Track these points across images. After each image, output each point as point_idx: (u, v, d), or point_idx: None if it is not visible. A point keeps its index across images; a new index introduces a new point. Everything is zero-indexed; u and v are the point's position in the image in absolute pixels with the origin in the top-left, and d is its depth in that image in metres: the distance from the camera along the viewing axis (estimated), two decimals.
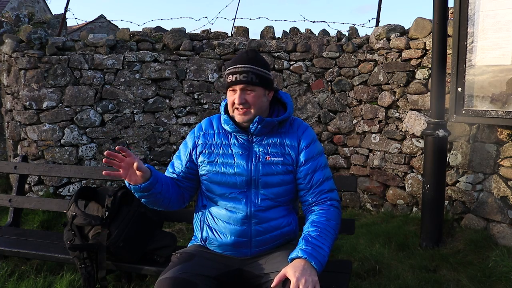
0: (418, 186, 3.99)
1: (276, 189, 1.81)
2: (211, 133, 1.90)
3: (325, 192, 1.83)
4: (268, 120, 1.80)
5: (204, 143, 1.88)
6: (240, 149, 1.83)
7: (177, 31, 4.61)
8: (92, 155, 4.46)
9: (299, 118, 1.97)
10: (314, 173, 1.82)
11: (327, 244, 1.66)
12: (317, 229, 1.70)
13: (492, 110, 3.12)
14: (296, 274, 1.53)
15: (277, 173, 1.81)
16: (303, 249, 1.62)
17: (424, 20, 3.92)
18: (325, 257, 1.63)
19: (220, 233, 1.82)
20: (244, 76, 1.75)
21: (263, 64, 1.82)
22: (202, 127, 1.94)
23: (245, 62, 1.77)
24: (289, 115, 1.87)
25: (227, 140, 1.86)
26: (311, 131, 1.91)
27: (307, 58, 4.59)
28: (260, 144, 1.83)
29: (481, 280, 2.72)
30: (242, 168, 1.80)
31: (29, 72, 4.26)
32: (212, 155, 1.85)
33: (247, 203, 1.79)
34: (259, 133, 1.82)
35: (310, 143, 1.86)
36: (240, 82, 1.76)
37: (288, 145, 1.84)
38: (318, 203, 1.82)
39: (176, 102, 4.59)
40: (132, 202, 2.44)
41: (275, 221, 1.81)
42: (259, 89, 1.79)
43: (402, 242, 3.37)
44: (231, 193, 1.81)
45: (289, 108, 1.88)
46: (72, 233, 2.39)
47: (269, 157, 1.80)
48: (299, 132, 1.87)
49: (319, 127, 4.64)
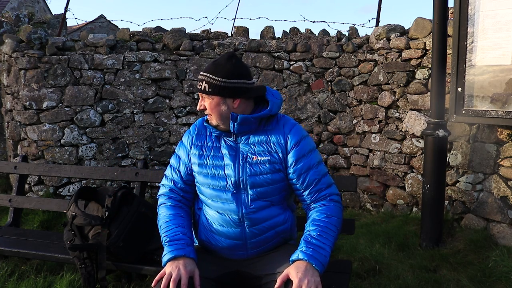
0: (418, 186, 3.99)
1: (264, 189, 1.78)
2: (204, 135, 1.89)
3: (324, 190, 1.79)
4: (242, 116, 1.76)
5: (196, 145, 1.88)
6: (228, 150, 1.81)
7: (177, 31, 4.61)
8: (92, 155, 4.46)
9: (288, 116, 1.94)
10: (308, 172, 1.78)
11: (328, 243, 1.66)
12: (317, 228, 1.68)
13: (492, 110, 3.12)
14: (298, 275, 1.54)
15: (265, 173, 1.77)
16: (304, 251, 1.61)
17: (424, 20, 3.92)
18: (327, 257, 1.63)
19: (215, 236, 1.81)
20: (199, 85, 1.78)
21: (228, 72, 1.75)
22: (196, 127, 1.94)
23: (205, 71, 1.78)
24: (269, 112, 1.81)
25: (218, 143, 1.85)
26: (300, 128, 1.85)
27: (307, 58, 4.59)
28: (246, 143, 1.81)
29: (481, 280, 2.72)
30: (231, 169, 1.78)
31: (29, 72, 4.26)
32: (203, 157, 1.84)
33: (238, 205, 1.77)
34: (240, 131, 1.79)
35: (300, 140, 1.80)
36: (198, 90, 1.81)
37: (274, 142, 1.80)
38: (317, 200, 1.79)
39: (176, 102, 4.59)
40: (132, 202, 2.44)
41: (269, 222, 1.79)
42: (215, 97, 1.76)
43: (402, 242, 3.37)
44: (222, 196, 1.79)
45: (270, 105, 1.81)
46: (72, 233, 2.38)
47: (256, 157, 1.78)
48: (286, 129, 1.82)
49: (319, 127, 4.64)
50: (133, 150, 4.56)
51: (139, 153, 4.56)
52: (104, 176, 2.95)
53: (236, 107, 1.79)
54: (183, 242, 1.73)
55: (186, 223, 1.82)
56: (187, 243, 1.74)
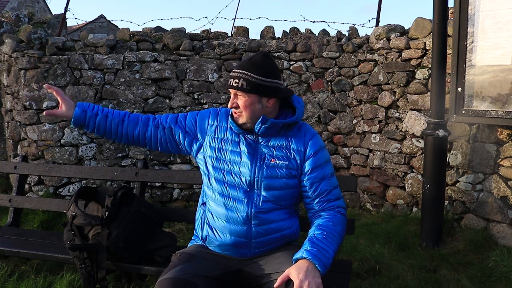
0: (418, 186, 3.99)
1: (278, 192, 1.80)
2: (224, 127, 1.89)
3: (332, 201, 1.83)
4: (272, 120, 1.79)
5: (217, 138, 1.88)
6: (247, 148, 1.82)
7: (177, 31, 4.61)
8: (92, 155, 4.46)
9: (309, 125, 1.97)
10: (321, 182, 1.81)
11: (332, 248, 1.66)
12: (323, 232, 1.70)
13: (492, 110, 3.12)
14: (300, 276, 1.52)
15: (281, 177, 1.80)
16: (308, 250, 1.61)
17: (424, 20, 3.92)
18: (329, 260, 1.63)
19: (220, 232, 1.81)
20: (235, 82, 1.76)
21: (265, 71, 1.77)
22: (217, 117, 1.94)
23: (242, 68, 1.77)
24: (296, 119, 1.85)
25: (237, 138, 1.86)
26: (319, 139, 1.89)
27: (307, 58, 4.59)
28: (266, 145, 1.83)
29: (481, 280, 2.72)
30: (247, 168, 1.80)
31: (29, 72, 4.26)
32: (222, 151, 1.85)
33: (249, 204, 1.78)
34: (264, 133, 1.81)
35: (318, 150, 1.84)
36: (232, 87, 1.78)
37: (294, 149, 1.83)
38: (325, 210, 1.82)
39: (176, 102, 4.59)
40: (132, 202, 2.44)
41: (276, 224, 1.81)
42: (251, 96, 1.76)
43: (402, 242, 3.37)
44: (234, 192, 1.80)
45: (297, 112, 1.86)
46: (72, 233, 2.38)
47: (274, 160, 1.80)
48: (307, 137, 1.85)
49: (319, 127, 4.64)
50: (133, 150, 4.56)
51: (139, 153, 4.56)
52: (104, 176, 2.94)
53: (270, 106, 1.82)
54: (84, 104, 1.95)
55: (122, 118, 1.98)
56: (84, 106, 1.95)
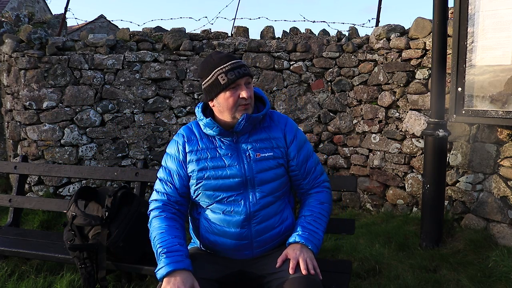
0: (418, 186, 3.99)
1: (271, 184, 1.81)
2: (194, 140, 1.83)
3: (319, 177, 1.93)
4: (254, 116, 1.78)
5: (190, 152, 1.81)
6: (227, 151, 1.79)
7: (177, 31, 4.61)
8: (92, 155, 4.46)
9: (274, 110, 2.00)
10: (307, 161, 1.89)
11: (321, 228, 1.80)
12: (312, 214, 1.82)
13: (492, 110, 3.12)
14: (295, 251, 1.71)
15: (270, 168, 1.81)
16: (300, 235, 1.75)
17: (424, 20, 3.92)
18: (320, 240, 1.78)
19: (220, 238, 1.79)
20: (244, 69, 1.74)
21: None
22: (183, 135, 1.85)
23: (230, 59, 1.73)
24: (267, 110, 1.87)
25: (212, 144, 1.81)
26: (292, 121, 1.95)
27: (307, 58, 4.59)
28: (246, 142, 1.81)
29: (481, 280, 2.72)
30: (235, 170, 1.77)
31: (29, 72, 4.26)
32: (201, 162, 1.78)
33: (246, 204, 1.77)
34: (243, 131, 1.79)
35: (296, 132, 1.89)
36: (244, 75, 1.73)
37: (275, 138, 1.85)
38: (313, 187, 1.91)
39: (176, 102, 4.59)
40: (132, 202, 2.44)
41: (274, 218, 1.82)
42: (252, 80, 1.81)
43: (402, 242, 3.37)
44: (229, 197, 1.77)
45: (267, 101, 1.88)
46: (72, 233, 2.38)
47: (259, 154, 1.80)
48: (281, 124, 1.89)
49: (319, 127, 4.64)
50: (133, 150, 4.56)
51: (139, 153, 4.56)
52: (104, 176, 2.95)
53: None
54: (181, 254, 1.64)
55: (182, 235, 1.74)
56: (185, 254, 1.66)
